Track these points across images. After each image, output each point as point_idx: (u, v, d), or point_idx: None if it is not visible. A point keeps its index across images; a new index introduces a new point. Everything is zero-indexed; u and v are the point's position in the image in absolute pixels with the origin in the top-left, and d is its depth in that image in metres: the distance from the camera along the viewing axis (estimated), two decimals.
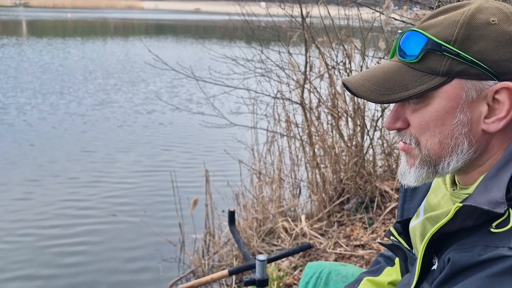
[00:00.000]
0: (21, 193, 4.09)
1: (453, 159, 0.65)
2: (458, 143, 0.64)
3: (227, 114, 3.32)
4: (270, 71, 3.21)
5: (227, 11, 3.68)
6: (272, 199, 3.07)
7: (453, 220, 0.61)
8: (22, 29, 23.51)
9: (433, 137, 0.65)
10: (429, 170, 0.67)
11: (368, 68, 0.70)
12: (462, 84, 0.62)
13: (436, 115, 0.64)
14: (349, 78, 0.69)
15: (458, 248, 0.60)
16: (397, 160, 3.18)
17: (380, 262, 1.01)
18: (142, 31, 27.09)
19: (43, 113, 6.81)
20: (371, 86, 0.66)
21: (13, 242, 3.25)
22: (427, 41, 0.63)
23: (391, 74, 0.66)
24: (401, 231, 0.81)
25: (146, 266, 2.99)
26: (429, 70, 0.63)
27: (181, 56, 13.09)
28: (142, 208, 3.82)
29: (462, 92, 0.62)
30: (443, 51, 0.62)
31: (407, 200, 0.86)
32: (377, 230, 2.75)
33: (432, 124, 0.65)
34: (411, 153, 0.69)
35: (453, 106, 0.63)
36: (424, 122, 0.65)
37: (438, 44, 0.62)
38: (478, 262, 0.56)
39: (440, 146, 0.65)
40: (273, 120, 3.28)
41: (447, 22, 0.63)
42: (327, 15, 2.92)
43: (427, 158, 0.67)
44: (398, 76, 0.65)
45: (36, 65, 11.10)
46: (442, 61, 0.62)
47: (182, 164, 4.88)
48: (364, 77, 0.67)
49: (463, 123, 0.63)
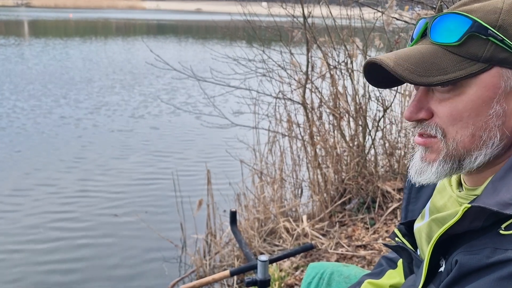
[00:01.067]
0: (22, 191, 4.09)
1: (481, 154, 0.61)
2: (491, 136, 0.61)
3: (228, 114, 3.32)
4: (272, 71, 3.21)
5: (228, 11, 3.68)
6: (273, 199, 3.06)
7: (461, 221, 0.59)
8: (24, 29, 23.56)
9: (465, 128, 0.61)
10: (453, 166, 0.63)
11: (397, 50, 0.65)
12: (502, 73, 0.59)
13: (471, 105, 0.60)
14: (380, 56, 0.63)
15: (466, 250, 0.59)
16: (399, 160, 3.17)
17: (382, 265, 1.00)
18: (143, 31, 27.12)
19: (44, 115, 6.82)
20: (409, 65, 0.60)
21: (13, 243, 3.26)
22: (473, 24, 0.59)
23: (427, 56, 0.61)
24: (405, 233, 0.79)
25: (147, 266, 2.99)
26: (470, 55, 0.59)
27: (182, 57, 13.11)
28: (144, 208, 3.82)
29: (501, 82, 0.60)
30: (488, 36, 0.58)
31: (411, 201, 0.84)
32: (378, 231, 2.75)
33: (466, 114, 0.60)
34: (434, 147, 0.64)
35: (490, 96, 0.60)
36: (456, 112, 0.61)
37: (485, 28, 0.58)
38: (486, 264, 0.55)
39: (471, 138, 0.61)
40: (275, 120, 3.27)
41: (489, 8, 0.60)
42: (329, 15, 2.91)
43: (454, 152, 0.62)
44: (436, 59, 0.60)
45: (34, 66, 11.04)
46: (486, 46, 0.59)
47: (183, 165, 4.88)
48: (398, 56, 0.62)
49: (498, 114, 0.60)
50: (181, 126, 6.50)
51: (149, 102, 7.88)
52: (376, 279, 0.96)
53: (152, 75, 10.46)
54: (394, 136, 3.27)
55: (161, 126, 6.45)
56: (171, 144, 5.71)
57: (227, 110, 3.58)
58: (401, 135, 3.25)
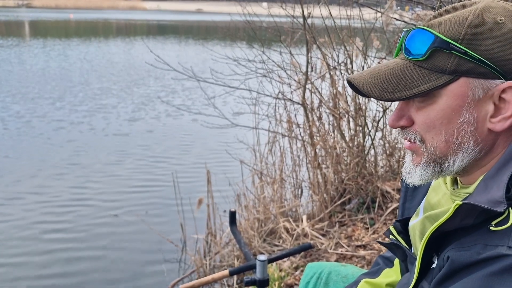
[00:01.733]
0: (27, 187, 4.10)
1: (458, 158, 0.65)
2: (464, 141, 0.64)
3: (228, 115, 3.33)
4: (272, 71, 3.21)
5: (229, 11, 3.68)
6: (273, 199, 3.07)
7: (453, 218, 0.61)
8: (25, 30, 23.59)
9: (439, 135, 0.65)
10: (434, 169, 0.67)
11: (373, 66, 0.70)
12: (469, 83, 0.62)
13: (442, 114, 0.64)
14: (354, 75, 0.68)
15: (457, 246, 0.60)
16: (398, 160, 3.17)
17: (379, 264, 1.01)
18: (144, 32, 27.14)
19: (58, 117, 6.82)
20: (377, 83, 0.65)
21: (14, 244, 3.27)
22: (435, 39, 0.62)
23: (397, 72, 0.65)
24: (400, 230, 0.80)
25: (147, 266, 3.00)
26: (436, 68, 0.63)
27: (182, 57, 13.11)
28: (144, 208, 3.82)
29: (468, 91, 0.62)
30: (450, 49, 0.61)
31: (408, 199, 0.86)
32: (378, 231, 2.75)
33: (438, 122, 0.64)
34: (417, 151, 0.68)
35: (459, 105, 0.63)
36: (429, 120, 0.65)
37: (446, 42, 0.61)
38: (477, 260, 0.56)
39: (446, 144, 0.65)
40: (275, 121, 3.28)
41: (455, 20, 0.63)
42: (329, 16, 2.92)
43: (433, 157, 0.66)
44: (405, 74, 0.64)
45: (31, 68, 10.91)
46: (450, 59, 0.62)
47: (183, 165, 4.88)
48: (369, 74, 0.67)
49: (469, 121, 0.63)
50: (181, 127, 6.51)
51: (149, 103, 7.89)
52: (373, 278, 0.97)
53: (152, 75, 10.47)
54: (394, 136, 3.27)
55: (161, 127, 6.46)
56: (171, 144, 5.72)
57: (227, 110, 3.58)
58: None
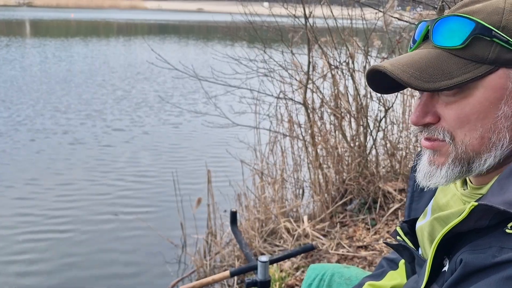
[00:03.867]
0: (24, 187, 4.10)
1: (491, 155, 0.61)
2: (500, 137, 0.60)
3: (229, 114, 3.31)
4: (273, 71, 3.20)
5: (230, 11, 3.67)
6: (274, 199, 3.06)
7: (467, 220, 0.58)
8: (26, 29, 23.60)
9: (473, 131, 0.60)
10: (462, 168, 0.62)
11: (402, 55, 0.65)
12: (508, 74, 0.59)
13: (479, 107, 0.59)
14: (383, 63, 0.62)
15: (471, 249, 0.58)
16: (400, 161, 3.16)
17: (383, 266, 1.00)
18: (145, 31, 27.15)
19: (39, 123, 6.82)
20: (414, 72, 0.60)
21: (13, 245, 3.26)
22: (476, 26, 0.58)
23: (431, 61, 0.60)
24: (407, 231, 0.78)
25: (147, 266, 2.99)
26: (475, 58, 0.59)
27: (183, 57, 13.11)
28: (144, 208, 3.81)
29: (508, 83, 0.59)
30: (493, 37, 0.58)
31: (415, 200, 0.83)
32: (380, 231, 2.74)
33: (474, 116, 0.60)
34: (442, 150, 0.63)
35: (497, 98, 0.59)
36: (464, 114, 0.60)
37: (489, 29, 0.58)
38: (492, 264, 0.54)
39: (481, 141, 0.60)
40: (276, 120, 3.27)
41: (490, 8, 0.59)
42: (330, 15, 2.90)
43: (463, 155, 0.62)
44: (441, 63, 0.60)
45: (29, 69, 10.70)
46: (491, 48, 0.58)
47: (184, 164, 4.87)
48: (403, 62, 0.61)
49: (506, 116, 0.59)
50: (181, 126, 6.50)
51: (149, 102, 7.88)
52: (377, 281, 0.95)
53: (153, 74, 10.46)
54: (396, 136, 3.26)
55: (161, 126, 6.45)
56: (172, 143, 5.71)
57: (228, 110, 3.56)
58: (403, 135, 3.24)
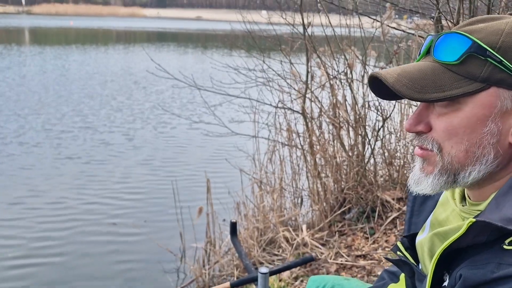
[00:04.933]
0: (25, 196, 4.09)
1: (475, 169, 0.63)
2: (484, 153, 0.62)
3: (228, 123, 3.33)
4: (272, 80, 3.22)
5: (228, 19, 3.70)
6: (273, 208, 3.06)
7: (465, 235, 0.60)
8: (25, 37, 23.66)
9: (459, 144, 0.63)
10: (448, 179, 0.65)
11: (400, 65, 0.68)
12: (499, 93, 0.61)
13: (466, 122, 0.62)
14: (381, 71, 0.65)
15: (470, 264, 0.59)
16: (398, 170, 3.17)
17: (384, 279, 1.00)
18: (143, 39, 27.25)
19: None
20: (407, 82, 0.63)
21: (12, 253, 3.24)
22: (472, 44, 0.61)
23: (427, 73, 0.63)
24: (408, 246, 0.79)
25: (146, 275, 2.98)
26: (468, 75, 0.61)
27: (182, 65, 13.14)
28: (143, 217, 3.81)
29: (497, 101, 0.61)
30: (487, 57, 0.60)
31: (415, 214, 0.84)
32: (378, 240, 2.74)
33: (461, 130, 0.62)
34: (430, 159, 0.66)
35: (485, 114, 0.61)
36: (452, 127, 0.63)
37: (483, 49, 0.60)
38: (491, 279, 0.55)
39: (465, 154, 0.63)
40: (274, 129, 3.28)
41: (491, 29, 0.62)
42: (328, 24, 2.93)
43: (449, 166, 0.64)
44: (435, 76, 0.63)
45: (23, 78, 10.68)
46: (484, 67, 0.61)
47: (183, 173, 4.88)
48: (398, 72, 0.64)
49: (493, 133, 0.62)
50: (180, 135, 6.51)
51: (148, 111, 7.89)
52: None
53: (151, 84, 10.48)
54: (394, 145, 3.27)
55: (160, 135, 6.46)
56: (171, 153, 5.71)
57: (227, 119, 3.58)
58: (400, 144, 3.25)
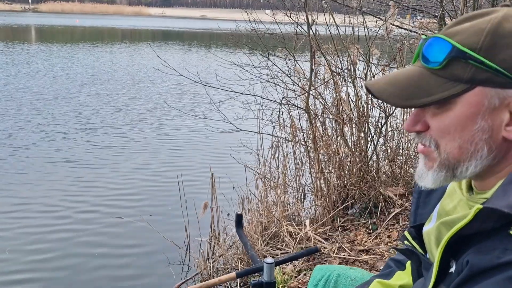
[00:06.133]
0: (31, 191, 4.15)
1: (471, 164, 0.66)
2: (477, 148, 0.65)
3: (233, 120, 3.37)
4: (276, 77, 3.26)
5: (233, 17, 3.73)
6: (276, 203, 3.10)
7: (472, 222, 0.62)
8: (31, 35, 23.78)
9: (452, 141, 0.65)
10: (447, 174, 0.68)
11: (391, 72, 0.71)
12: (485, 92, 0.62)
13: (456, 121, 0.64)
14: (372, 81, 0.69)
15: (476, 251, 0.61)
16: (401, 166, 3.20)
17: (391, 266, 1.02)
18: (149, 38, 27.32)
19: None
20: (394, 90, 0.66)
21: (19, 247, 3.31)
22: (452, 48, 0.63)
23: (414, 79, 0.66)
24: (415, 236, 0.81)
25: (152, 268, 3.03)
26: (453, 77, 0.63)
27: (187, 63, 13.20)
28: (148, 211, 3.86)
29: (484, 100, 0.63)
30: (467, 59, 0.62)
31: (421, 205, 0.86)
32: (380, 236, 2.78)
33: (452, 129, 0.65)
34: (430, 156, 0.69)
35: (474, 113, 0.63)
36: (444, 126, 0.66)
37: (463, 52, 0.62)
38: (496, 265, 0.57)
39: (459, 150, 0.65)
40: (278, 126, 3.32)
41: (473, 29, 0.63)
42: (333, 23, 2.97)
43: (446, 162, 0.67)
44: (421, 82, 0.65)
45: (27, 75, 10.64)
46: (466, 68, 0.62)
47: (188, 168, 4.93)
48: (387, 81, 0.68)
49: (484, 129, 0.64)
50: (186, 131, 6.56)
51: (154, 107, 7.95)
52: (386, 280, 0.98)
53: (157, 80, 10.54)
54: (396, 142, 3.30)
55: (166, 131, 6.51)
56: (176, 148, 5.77)
57: (231, 115, 3.62)
58: (403, 141, 3.28)
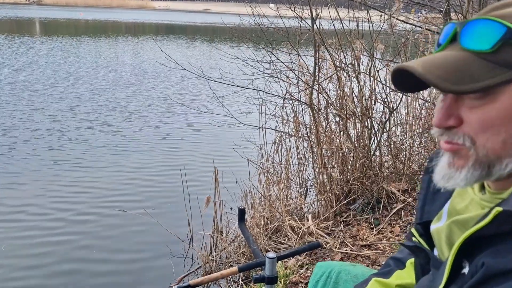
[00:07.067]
0: (35, 183, 4.19)
1: None
2: None
3: (236, 114, 3.37)
4: (280, 71, 3.25)
5: (237, 11, 3.72)
6: (279, 198, 3.11)
7: (490, 225, 0.60)
8: (35, 28, 23.81)
9: (496, 135, 0.60)
10: (482, 172, 0.62)
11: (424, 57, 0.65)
12: None
13: (504, 112, 0.59)
14: (408, 63, 0.62)
15: (493, 253, 0.59)
16: (404, 161, 3.20)
17: (390, 265, 1.01)
18: (152, 31, 27.28)
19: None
20: (441, 73, 0.59)
21: (22, 239, 3.34)
22: (507, 31, 0.58)
23: (458, 63, 0.60)
24: (421, 233, 0.80)
25: (155, 261, 3.05)
26: (504, 63, 0.58)
27: (191, 57, 13.18)
28: (152, 204, 3.88)
29: None
30: None
31: (428, 202, 0.84)
32: (383, 231, 2.78)
33: (498, 121, 0.59)
34: (461, 153, 0.63)
35: None
36: (488, 119, 0.60)
37: None
38: None
39: (503, 145, 0.60)
40: (282, 120, 3.32)
41: None
42: (337, 17, 2.95)
43: (484, 159, 0.61)
44: (467, 66, 0.59)
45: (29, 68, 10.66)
46: None
47: (192, 162, 4.94)
48: (428, 63, 0.61)
49: None
50: (189, 125, 6.58)
51: (158, 101, 7.96)
52: (384, 278, 0.98)
53: (160, 74, 10.54)
54: (400, 138, 3.30)
55: (169, 125, 6.53)
56: (180, 142, 5.78)
57: (235, 110, 3.62)
58: (407, 137, 3.28)
